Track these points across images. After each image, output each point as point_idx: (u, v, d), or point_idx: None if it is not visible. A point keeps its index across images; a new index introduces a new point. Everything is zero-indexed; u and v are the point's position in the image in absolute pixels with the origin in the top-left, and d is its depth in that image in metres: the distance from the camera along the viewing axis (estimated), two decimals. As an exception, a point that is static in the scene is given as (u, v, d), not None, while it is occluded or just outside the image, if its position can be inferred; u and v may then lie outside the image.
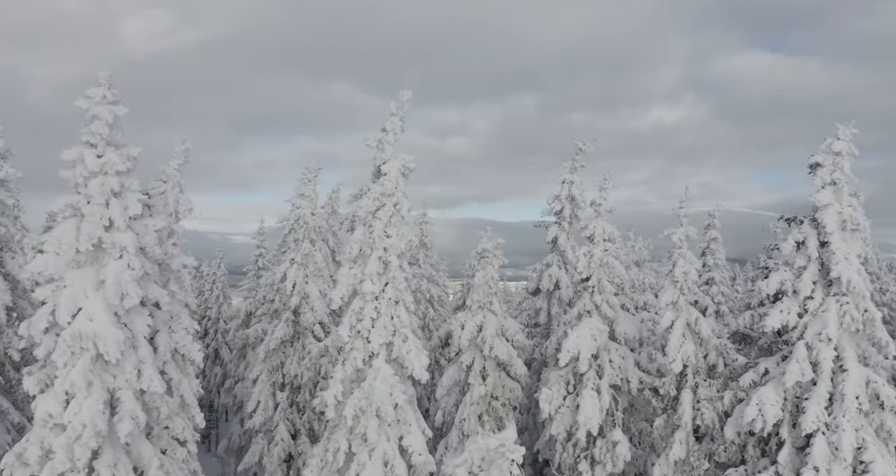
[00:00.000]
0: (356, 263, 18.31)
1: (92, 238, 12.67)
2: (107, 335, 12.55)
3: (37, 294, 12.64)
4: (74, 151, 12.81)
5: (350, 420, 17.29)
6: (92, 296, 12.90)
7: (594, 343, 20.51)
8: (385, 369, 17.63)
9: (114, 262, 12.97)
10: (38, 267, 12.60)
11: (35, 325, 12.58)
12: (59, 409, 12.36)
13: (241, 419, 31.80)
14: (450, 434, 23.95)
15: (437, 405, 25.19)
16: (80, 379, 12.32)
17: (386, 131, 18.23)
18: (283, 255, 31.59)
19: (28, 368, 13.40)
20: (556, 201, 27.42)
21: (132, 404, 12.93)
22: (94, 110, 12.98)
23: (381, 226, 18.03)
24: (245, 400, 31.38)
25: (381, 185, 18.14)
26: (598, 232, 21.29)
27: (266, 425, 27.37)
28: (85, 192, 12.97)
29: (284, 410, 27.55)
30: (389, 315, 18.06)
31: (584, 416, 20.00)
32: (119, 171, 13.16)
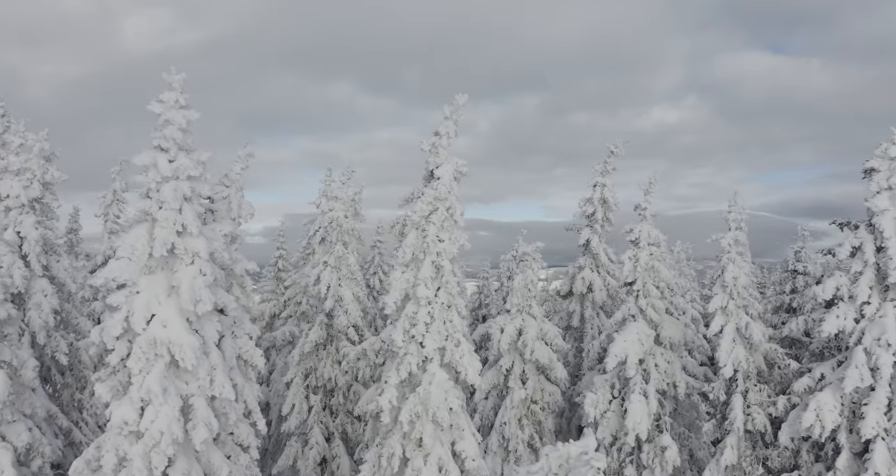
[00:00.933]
0: (408, 268, 18.24)
1: (166, 244, 12.58)
2: (182, 342, 12.45)
3: (110, 300, 12.53)
4: (148, 156, 12.72)
5: (406, 425, 17.21)
6: (165, 302, 12.80)
7: (641, 347, 20.45)
8: (440, 374, 17.56)
9: (186, 268, 12.87)
10: (112, 272, 12.49)
11: (108, 331, 12.47)
12: (134, 416, 12.25)
13: (268, 421, 31.68)
14: (489, 437, 23.90)
15: (474, 408, 25.12)
16: (157, 385, 12.21)
17: (439, 135, 18.14)
18: (312, 258, 31.51)
19: (97, 374, 13.29)
20: (589, 204, 27.36)
21: (205, 411, 12.84)
22: (167, 115, 12.88)
23: (434, 230, 17.94)
24: (273, 402, 31.32)
25: (434, 190, 18.05)
26: (643, 236, 21.24)
27: (300, 428, 27.27)
28: (157, 197, 12.86)
29: (318, 413, 27.46)
30: (442, 320, 17.99)
31: (633, 420, 19.93)
32: (190, 176, 13.06)
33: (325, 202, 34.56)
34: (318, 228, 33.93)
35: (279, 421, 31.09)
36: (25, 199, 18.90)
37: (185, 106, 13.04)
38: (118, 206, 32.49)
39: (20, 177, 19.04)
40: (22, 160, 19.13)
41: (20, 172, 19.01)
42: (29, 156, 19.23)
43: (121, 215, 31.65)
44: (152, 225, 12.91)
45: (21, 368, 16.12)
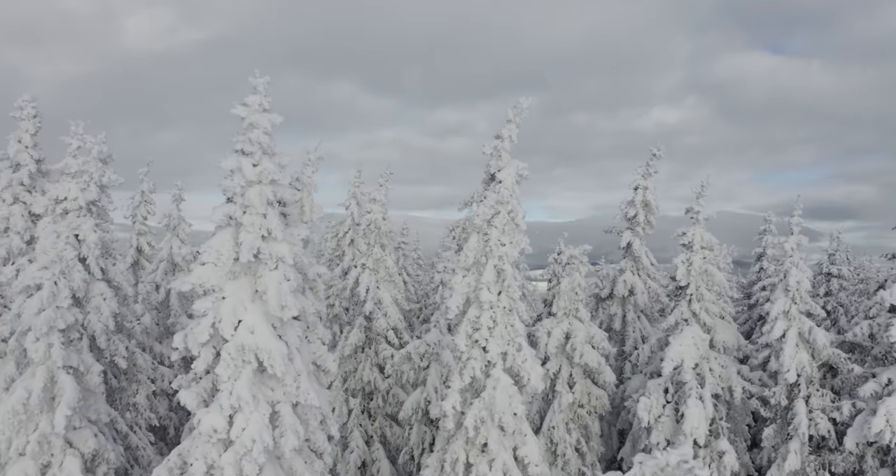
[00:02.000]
0: (469, 272, 18.13)
1: (252, 249, 12.45)
2: (271, 348, 12.33)
3: (197, 306, 12.40)
4: (233, 160, 12.60)
5: (471, 430, 17.10)
6: (250, 307, 12.68)
7: (697, 352, 20.35)
8: (505, 379, 17.45)
9: (270, 273, 12.75)
10: (199, 278, 12.37)
11: (194, 337, 12.34)
12: (224, 424, 12.13)
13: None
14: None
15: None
16: (247, 393, 12.09)
17: (501, 138, 18.06)
18: (343, 260, 31.39)
19: (178, 380, 13.18)
20: (630, 207, 27.25)
21: (291, 418, 12.72)
22: (251, 118, 12.76)
23: (496, 234, 17.84)
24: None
25: (496, 193, 17.95)
26: (696, 239, 21.12)
27: (340, 432, 27.12)
28: (241, 201, 12.75)
29: (357, 417, 27.34)
30: (504, 324, 17.89)
31: (690, 425, 19.80)
32: (273, 180, 12.95)
33: (354, 204, 34.46)
34: (348, 230, 33.87)
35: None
36: (83, 202, 18.79)
37: (268, 109, 12.92)
38: (146, 207, 32.35)
39: (77, 179, 18.95)
40: (80, 162, 19.01)
41: (78, 175, 18.91)
42: (87, 158, 19.13)
43: (148, 217, 31.53)
44: (236, 229, 12.79)
45: (87, 373, 16.00)
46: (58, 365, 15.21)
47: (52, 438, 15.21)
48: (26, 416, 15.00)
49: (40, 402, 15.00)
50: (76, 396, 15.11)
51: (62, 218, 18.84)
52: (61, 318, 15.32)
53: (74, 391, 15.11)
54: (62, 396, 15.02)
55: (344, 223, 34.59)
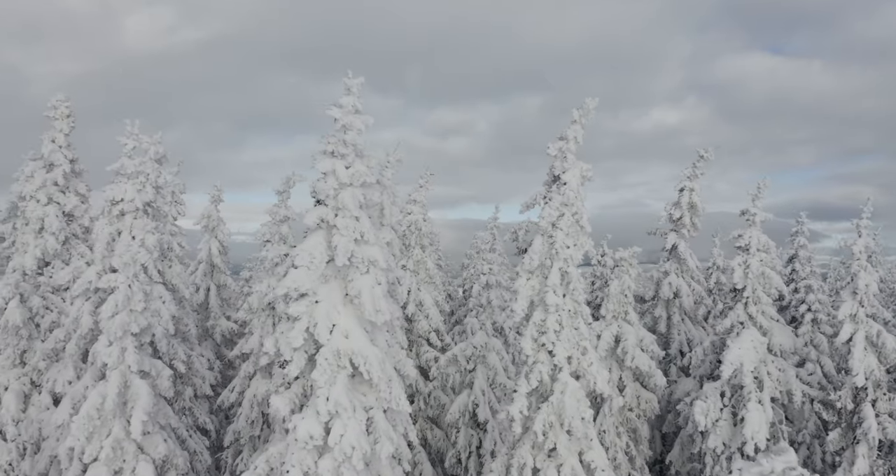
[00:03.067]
0: (533, 274, 17.96)
1: (347, 252, 12.26)
2: (367, 353, 12.15)
3: (291, 310, 12.19)
4: (328, 162, 12.39)
5: (540, 435, 16.92)
6: (343, 312, 12.50)
7: (756, 355, 20.21)
8: (572, 384, 17.28)
9: (362, 277, 12.57)
10: (294, 282, 12.18)
11: (288, 342, 12.14)
12: (320, 431, 11.92)
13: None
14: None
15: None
16: (345, 398, 11.90)
17: (566, 139, 17.87)
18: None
19: (269, 386, 12.97)
20: (676, 208, 27.09)
21: (384, 424, 12.54)
22: (344, 120, 12.58)
23: (561, 236, 17.68)
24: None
25: (561, 195, 17.78)
26: (753, 242, 20.97)
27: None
28: (333, 204, 12.56)
29: (398, 420, 27.11)
30: (569, 327, 17.72)
31: (751, 429, 19.63)
32: (364, 183, 12.76)
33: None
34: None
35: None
36: (140, 203, 18.59)
37: (360, 111, 12.73)
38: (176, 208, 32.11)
39: (134, 180, 18.73)
40: (136, 163, 18.81)
41: (134, 175, 18.70)
42: (143, 159, 18.92)
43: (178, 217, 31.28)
44: (329, 232, 12.60)
45: (157, 377, 15.78)
46: (132, 370, 14.99)
47: (124, 444, 15.00)
48: (100, 421, 14.78)
49: (114, 408, 14.78)
50: (151, 402, 14.91)
51: (118, 219, 18.63)
52: (135, 322, 15.11)
53: (149, 396, 14.91)
54: (136, 401, 14.82)
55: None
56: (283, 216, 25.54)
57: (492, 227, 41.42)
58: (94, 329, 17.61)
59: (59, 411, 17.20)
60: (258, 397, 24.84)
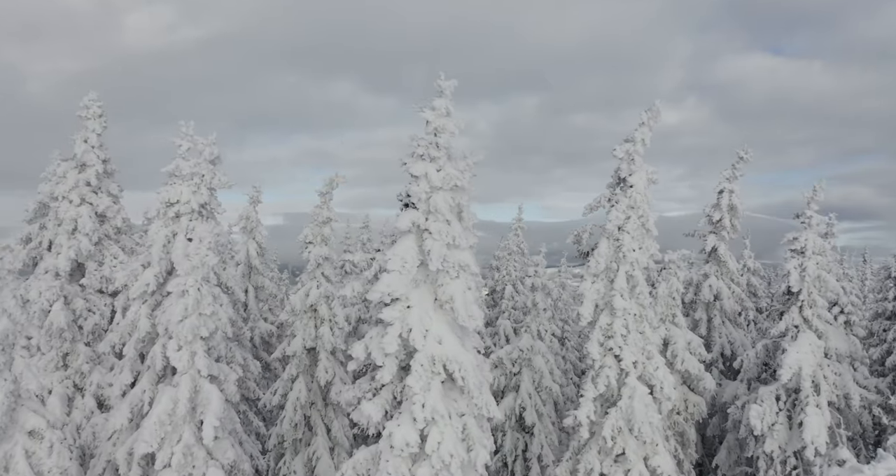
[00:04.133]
0: (598, 278, 17.77)
1: (440, 256, 12.02)
2: (462, 359, 11.91)
3: (384, 315, 11.94)
4: (421, 166, 12.14)
5: (609, 440, 16.73)
6: (434, 317, 12.25)
7: (814, 358, 20.05)
8: (641, 389, 17.11)
9: (453, 282, 12.33)
10: (388, 287, 11.92)
11: (382, 347, 11.89)
12: (416, 438, 11.67)
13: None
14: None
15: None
16: (442, 405, 11.66)
17: (633, 141, 17.69)
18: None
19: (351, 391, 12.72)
20: (715, 210, 26.89)
21: (478, 431, 12.30)
22: (437, 123, 12.33)
23: (628, 239, 17.49)
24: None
25: (627, 198, 17.60)
26: (809, 245, 20.80)
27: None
28: (425, 208, 12.31)
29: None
30: (635, 331, 17.54)
31: (811, 433, 19.46)
32: (455, 186, 12.51)
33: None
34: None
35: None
36: (195, 205, 18.30)
37: (452, 113, 12.48)
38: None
39: (189, 182, 18.43)
40: (191, 165, 18.51)
41: (190, 177, 18.40)
42: (198, 160, 18.62)
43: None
44: (419, 236, 12.35)
45: (224, 382, 15.50)
46: (202, 374, 14.70)
47: (194, 450, 14.72)
48: (171, 426, 14.50)
49: (185, 413, 14.50)
50: (222, 406, 14.64)
51: (174, 221, 18.33)
52: (204, 326, 14.82)
53: (220, 401, 14.64)
54: (207, 406, 14.54)
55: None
56: (325, 218, 25.28)
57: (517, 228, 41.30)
58: (152, 332, 17.33)
59: (116, 416, 16.89)
60: (301, 400, 24.63)
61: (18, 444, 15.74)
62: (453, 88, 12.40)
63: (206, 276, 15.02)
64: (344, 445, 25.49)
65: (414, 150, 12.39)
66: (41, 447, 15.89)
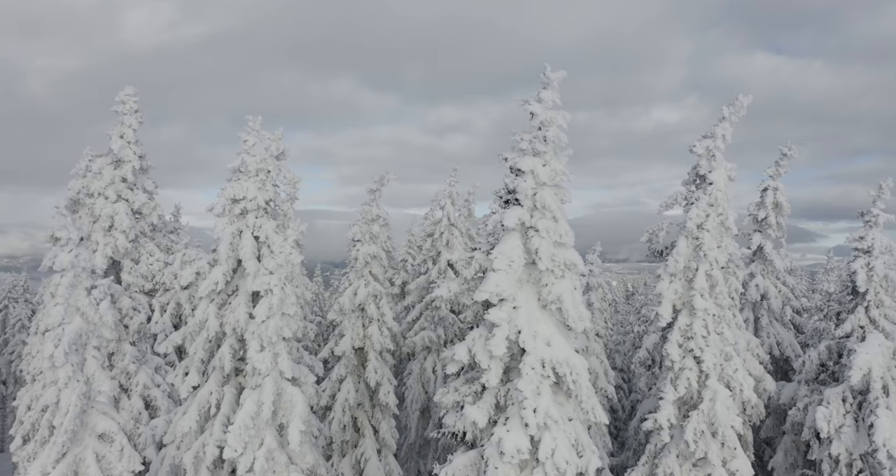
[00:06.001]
0: (675, 277, 17.38)
1: (548, 255, 11.61)
2: (574, 362, 11.51)
3: (491, 316, 11.52)
4: (528, 161, 11.73)
5: (691, 444, 16.34)
6: (541, 318, 11.84)
7: (883, 359, 19.70)
8: (723, 391, 16.72)
9: (559, 281, 11.92)
10: (496, 287, 11.50)
11: (489, 350, 11.46)
12: (527, 444, 11.27)
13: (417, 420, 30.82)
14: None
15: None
16: (555, 410, 11.25)
17: (714, 137, 17.29)
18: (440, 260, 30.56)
19: (448, 396, 12.30)
20: (760, 208, 26.52)
21: (586, 436, 11.89)
22: (543, 116, 11.90)
23: (708, 238, 17.09)
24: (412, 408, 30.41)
25: (707, 195, 17.20)
26: (876, 244, 20.44)
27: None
28: (528, 204, 11.89)
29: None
30: (715, 332, 17.15)
31: (882, 436, 19.08)
32: (559, 183, 12.10)
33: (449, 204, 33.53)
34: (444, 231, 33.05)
35: (423, 427, 30.27)
36: (261, 201, 17.83)
37: (560, 106, 12.06)
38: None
39: (255, 178, 17.96)
40: (258, 160, 18.03)
41: (255, 173, 17.93)
42: (264, 156, 18.14)
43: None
44: (524, 234, 11.94)
45: (304, 384, 15.07)
46: (284, 376, 14.27)
47: (276, 454, 14.28)
48: (255, 430, 14.06)
49: (269, 417, 14.07)
50: (306, 410, 14.21)
51: (240, 218, 17.87)
52: (287, 327, 14.38)
53: (304, 404, 14.22)
54: (292, 410, 14.11)
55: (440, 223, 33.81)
56: (374, 215, 24.90)
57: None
58: (219, 331, 16.89)
59: (183, 419, 16.43)
60: (350, 402, 24.24)
61: (89, 448, 15.33)
62: (561, 79, 11.95)
63: (289, 275, 14.59)
64: (391, 447, 25.13)
65: (516, 144, 11.96)
66: (111, 451, 15.49)
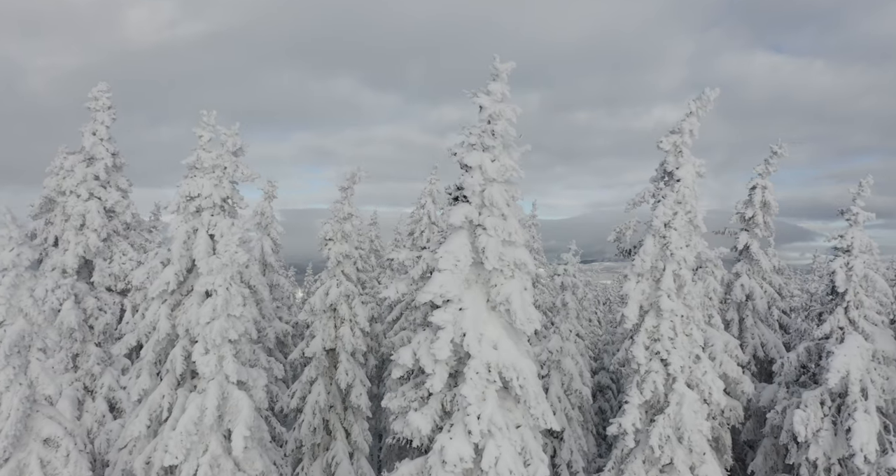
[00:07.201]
0: (642, 277, 16.85)
1: (496, 254, 11.07)
2: (521, 366, 10.97)
3: (436, 318, 10.99)
4: (475, 156, 11.19)
5: (656, 449, 15.82)
6: (488, 320, 11.31)
7: (861, 362, 19.14)
8: (690, 395, 16.20)
9: (508, 282, 11.38)
10: (441, 287, 10.97)
11: (433, 354, 10.94)
12: (471, 452, 10.74)
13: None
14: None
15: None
16: (499, 417, 10.71)
17: (681, 133, 16.75)
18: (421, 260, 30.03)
19: (395, 401, 11.77)
20: (748, 207, 25.96)
21: (534, 443, 11.36)
22: (492, 109, 11.35)
23: (675, 236, 16.56)
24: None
25: (674, 192, 16.67)
26: (856, 243, 19.87)
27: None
28: (478, 201, 11.35)
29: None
30: (683, 334, 16.63)
31: (860, 440, 18.53)
32: (510, 179, 11.56)
33: (430, 202, 33.02)
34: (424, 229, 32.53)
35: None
36: (217, 199, 17.32)
37: (509, 98, 11.52)
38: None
39: (210, 175, 17.45)
40: (213, 156, 17.52)
41: (211, 170, 17.42)
42: (220, 152, 17.63)
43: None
44: (472, 232, 11.40)
45: (253, 388, 14.54)
46: (230, 380, 13.74)
47: (221, 461, 13.76)
48: (198, 436, 13.54)
49: (213, 422, 13.54)
50: (252, 415, 13.67)
51: (194, 217, 17.35)
52: (233, 329, 13.86)
53: (250, 409, 13.67)
54: (237, 415, 13.58)
55: (420, 222, 33.30)
56: (346, 214, 24.34)
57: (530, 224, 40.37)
58: (171, 333, 16.37)
59: (133, 423, 15.92)
60: (320, 404, 23.69)
61: (33, 453, 14.78)
62: (510, 71, 11.40)
63: (234, 275, 14.04)
64: (364, 450, 24.59)
65: (465, 138, 11.42)
66: (57, 456, 14.94)
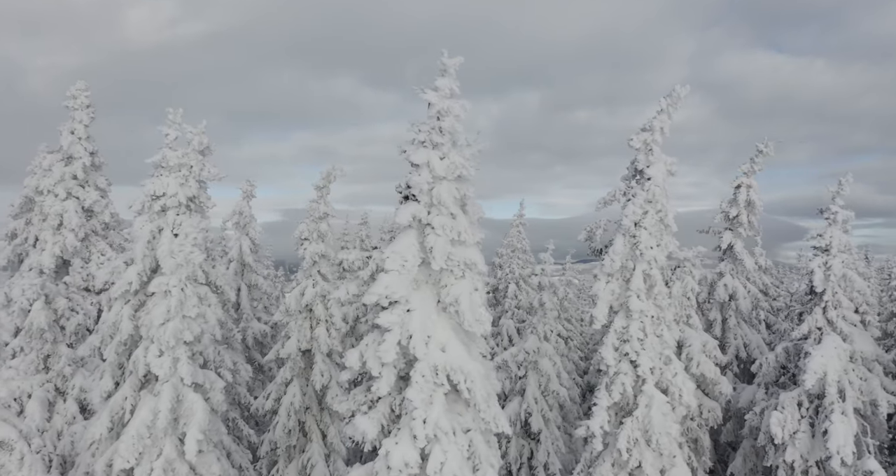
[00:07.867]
0: (613, 277, 16.59)
1: (444, 254, 10.82)
2: (469, 369, 10.72)
3: (382, 320, 10.75)
4: (422, 154, 10.93)
5: (624, 452, 15.57)
6: (437, 321, 11.06)
7: (839, 363, 18.86)
8: (659, 397, 15.95)
9: (458, 282, 11.14)
10: (386, 289, 10.72)
11: (379, 356, 10.70)
12: (416, 457, 10.50)
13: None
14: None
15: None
16: (445, 421, 10.48)
17: (652, 130, 16.49)
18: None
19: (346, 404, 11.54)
20: (732, 206, 25.66)
21: (484, 448, 11.12)
22: (440, 105, 11.09)
23: (645, 236, 16.30)
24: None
25: (645, 191, 16.41)
26: (834, 242, 19.58)
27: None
28: (427, 200, 11.10)
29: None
30: (654, 335, 16.37)
31: (836, 443, 18.24)
32: (461, 176, 11.31)
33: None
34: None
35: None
36: (183, 198, 17.09)
37: (458, 94, 11.27)
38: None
39: (176, 173, 17.23)
40: (179, 155, 17.30)
41: (177, 168, 17.20)
42: (186, 150, 17.41)
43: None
44: (421, 232, 11.16)
45: (210, 390, 14.31)
46: (185, 382, 13.52)
47: (176, 465, 13.56)
48: (150, 440, 13.32)
49: (166, 425, 13.32)
50: (206, 418, 13.46)
51: (159, 216, 17.13)
52: (188, 330, 13.65)
53: (205, 412, 13.46)
54: (191, 418, 13.37)
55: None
56: (322, 213, 24.09)
57: (518, 224, 40.01)
58: (135, 334, 16.14)
59: (95, 424, 15.70)
60: (295, 405, 23.45)
61: (-13, 457, 14.62)
62: (458, 66, 11.15)
63: (191, 275, 13.82)
64: (340, 452, 24.34)
65: (415, 136, 11.16)
66: (11, 459, 14.77)
